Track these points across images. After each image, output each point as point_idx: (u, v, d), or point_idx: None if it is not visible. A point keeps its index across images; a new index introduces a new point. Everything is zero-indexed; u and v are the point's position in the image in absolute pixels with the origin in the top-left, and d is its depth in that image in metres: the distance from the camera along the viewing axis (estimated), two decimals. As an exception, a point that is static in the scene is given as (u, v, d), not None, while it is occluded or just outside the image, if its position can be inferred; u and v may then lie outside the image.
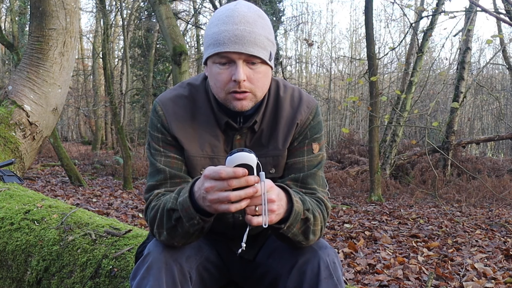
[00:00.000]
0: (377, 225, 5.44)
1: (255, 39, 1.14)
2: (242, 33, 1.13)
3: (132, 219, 5.12)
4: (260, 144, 1.27)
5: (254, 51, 1.14)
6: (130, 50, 15.08)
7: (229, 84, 1.16)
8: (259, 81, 1.18)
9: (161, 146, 1.25)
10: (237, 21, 1.14)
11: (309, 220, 1.14)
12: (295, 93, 1.31)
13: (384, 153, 10.28)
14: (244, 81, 1.15)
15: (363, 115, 16.88)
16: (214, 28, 1.16)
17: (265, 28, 1.18)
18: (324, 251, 1.16)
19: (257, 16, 1.17)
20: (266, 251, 1.32)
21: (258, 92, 1.19)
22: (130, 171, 8.25)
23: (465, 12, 7.35)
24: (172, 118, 1.25)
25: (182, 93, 1.29)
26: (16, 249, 1.92)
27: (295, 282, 1.15)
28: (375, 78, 7.16)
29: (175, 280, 1.12)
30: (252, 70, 1.16)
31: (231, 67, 1.15)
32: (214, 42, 1.15)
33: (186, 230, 1.10)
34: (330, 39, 31.34)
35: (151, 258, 1.13)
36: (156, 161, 1.25)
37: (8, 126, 3.28)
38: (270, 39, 1.19)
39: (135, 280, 1.13)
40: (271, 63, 1.20)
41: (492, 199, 8.02)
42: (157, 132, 1.26)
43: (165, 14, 5.56)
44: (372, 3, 7.56)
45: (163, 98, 1.28)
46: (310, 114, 1.29)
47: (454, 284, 3.19)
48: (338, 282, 1.14)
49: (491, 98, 13.71)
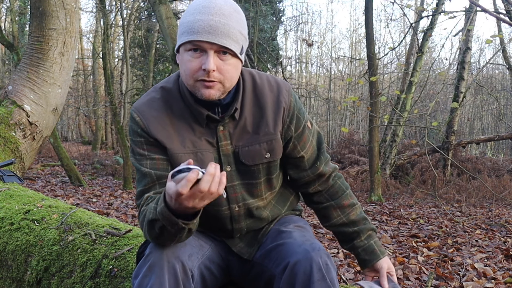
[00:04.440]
0: (377, 225, 5.44)
1: (229, 32, 1.16)
2: (217, 24, 1.15)
3: (132, 219, 5.12)
4: (246, 132, 1.29)
5: (226, 42, 1.16)
6: (130, 50, 15.07)
7: (198, 72, 1.18)
8: (228, 72, 1.20)
9: (145, 149, 1.27)
10: (213, 12, 1.16)
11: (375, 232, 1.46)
12: (270, 78, 1.35)
13: (384, 153, 10.28)
14: (214, 71, 1.17)
15: (363, 115, 16.87)
16: (189, 16, 1.18)
17: (240, 22, 1.20)
18: (316, 253, 1.16)
19: (232, 10, 1.19)
20: (262, 251, 1.32)
21: (227, 83, 1.21)
22: (130, 171, 8.24)
23: (465, 12, 7.34)
24: (150, 121, 1.27)
25: (155, 95, 1.31)
26: (16, 249, 1.92)
27: (287, 283, 1.15)
28: (375, 78, 7.15)
29: (177, 279, 1.12)
30: (223, 62, 1.18)
31: (202, 56, 1.18)
32: (188, 30, 1.17)
33: (173, 234, 1.11)
34: (330, 39, 31.29)
35: (153, 257, 1.13)
36: (142, 166, 1.26)
37: (8, 126, 3.28)
38: (243, 33, 1.21)
39: (137, 279, 1.13)
40: (241, 57, 1.23)
41: (492, 199, 8.02)
42: (139, 137, 1.27)
43: (165, 14, 5.57)
44: (372, 3, 7.56)
45: (137, 105, 1.31)
46: (291, 96, 1.33)
47: (454, 284, 3.19)
48: (332, 284, 1.14)
49: (491, 98, 13.70)
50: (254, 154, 1.29)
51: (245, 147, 1.29)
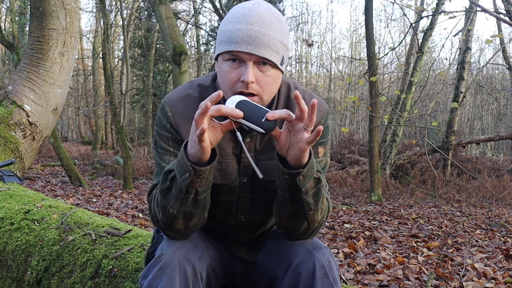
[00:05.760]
0: (377, 225, 5.44)
1: (269, 42, 1.12)
2: (256, 34, 1.11)
3: (132, 219, 5.12)
4: (271, 146, 1.25)
5: (266, 53, 1.12)
6: (130, 50, 15.06)
7: (237, 84, 1.14)
8: (267, 84, 1.15)
9: (171, 146, 1.24)
10: (253, 21, 1.12)
11: (321, 182, 1.15)
12: (307, 96, 1.28)
13: (384, 153, 10.28)
14: (253, 83, 1.13)
15: (363, 115, 16.87)
16: (228, 25, 1.15)
17: (281, 31, 1.16)
18: (319, 251, 1.16)
19: (274, 18, 1.15)
20: (264, 253, 1.33)
21: (265, 95, 1.17)
22: (130, 171, 8.24)
23: (465, 12, 7.34)
24: (181, 120, 1.23)
25: (192, 93, 1.27)
26: (16, 249, 1.92)
27: (291, 282, 1.15)
28: (375, 78, 7.15)
29: (188, 281, 1.11)
30: (262, 73, 1.14)
31: (241, 67, 1.14)
32: (227, 39, 1.13)
33: (179, 189, 1.10)
34: (330, 39, 31.35)
35: (164, 258, 1.12)
36: (163, 161, 1.23)
37: (8, 126, 3.28)
38: (284, 43, 1.16)
39: (146, 279, 1.12)
40: (282, 68, 1.18)
41: (492, 199, 8.02)
42: (166, 132, 1.24)
43: (165, 14, 5.57)
44: (372, 3, 7.56)
45: (172, 98, 1.26)
46: (322, 118, 1.27)
47: (454, 284, 3.19)
48: (334, 281, 1.14)
49: (491, 98, 13.70)
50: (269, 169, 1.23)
51: (264, 161, 1.25)
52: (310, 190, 1.13)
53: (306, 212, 1.16)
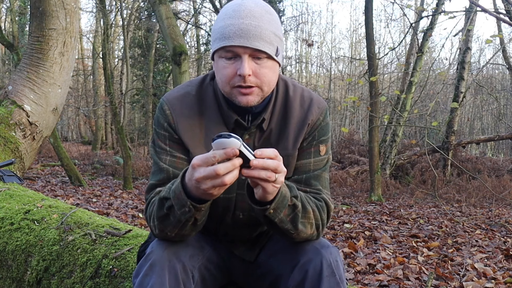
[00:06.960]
0: (377, 225, 5.44)
1: (261, 34, 1.13)
2: (248, 27, 1.12)
3: (132, 219, 5.12)
4: (269, 144, 1.26)
5: (259, 45, 1.13)
6: (130, 50, 15.07)
7: (234, 79, 1.15)
8: (265, 76, 1.16)
9: (168, 145, 1.24)
10: (243, 15, 1.13)
11: (297, 207, 1.13)
12: (305, 93, 1.30)
13: (384, 153, 10.28)
14: (250, 76, 1.14)
15: (363, 115, 16.87)
16: (220, 22, 1.16)
17: (272, 23, 1.17)
18: (326, 250, 1.16)
19: (264, 11, 1.16)
20: (267, 253, 1.32)
21: (265, 87, 1.18)
22: (130, 171, 8.25)
23: (465, 12, 7.34)
24: (179, 118, 1.24)
25: (190, 91, 1.28)
26: (16, 249, 1.92)
27: (297, 281, 1.14)
28: (375, 78, 7.16)
29: (178, 278, 1.11)
30: (258, 65, 1.15)
31: (236, 62, 1.15)
32: (220, 36, 1.15)
33: (177, 219, 1.09)
34: (330, 39, 31.39)
35: (154, 256, 1.13)
36: (160, 160, 1.24)
37: (8, 126, 3.28)
38: (277, 34, 1.17)
39: (137, 278, 1.13)
40: (278, 59, 1.19)
41: (492, 199, 8.02)
42: (164, 131, 1.25)
43: (165, 14, 5.57)
44: (372, 3, 7.56)
45: (170, 97, 1.27)
46: (321, 115, 1.28)
47: (454, 284, 3.19)
48: (340, 280, 1.14)
49: (491, 98, 13.70)
50: None
51: None
52: (285, 217, 1.12)
53: (288, 234, 1.17)
